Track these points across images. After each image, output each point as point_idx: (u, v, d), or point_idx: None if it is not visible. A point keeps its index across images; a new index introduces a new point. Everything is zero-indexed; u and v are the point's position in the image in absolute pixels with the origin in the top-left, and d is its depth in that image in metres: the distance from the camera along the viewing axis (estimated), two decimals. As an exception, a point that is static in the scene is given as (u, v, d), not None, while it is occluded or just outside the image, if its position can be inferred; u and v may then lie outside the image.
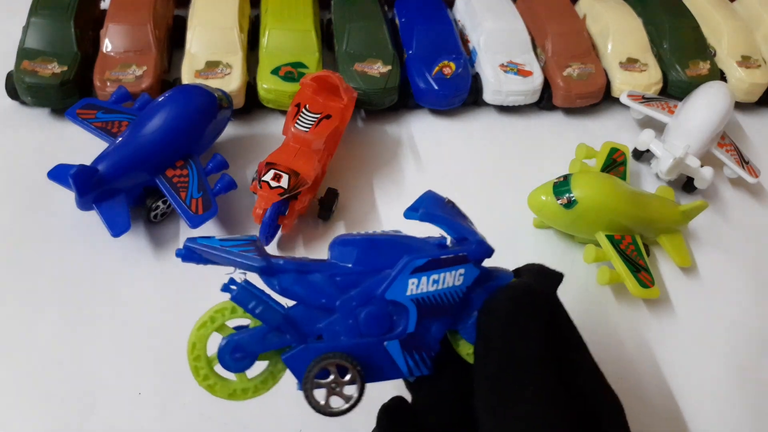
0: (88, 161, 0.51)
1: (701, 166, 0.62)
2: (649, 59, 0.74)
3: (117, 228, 0.50)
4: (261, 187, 0.52)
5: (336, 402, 0.28)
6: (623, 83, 0.71)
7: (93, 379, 0.46)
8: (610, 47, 0.74)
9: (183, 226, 0.55)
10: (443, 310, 0.29)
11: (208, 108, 0.56)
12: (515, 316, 0.28)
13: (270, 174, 0.52)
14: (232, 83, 0.63)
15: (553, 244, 0.59)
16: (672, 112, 0.67)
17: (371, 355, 0.29)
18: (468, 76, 0.69)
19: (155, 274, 0.52)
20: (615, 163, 0.61)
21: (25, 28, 0.63)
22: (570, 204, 0.53)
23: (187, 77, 0.63)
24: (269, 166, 0.53)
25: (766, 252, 0.62)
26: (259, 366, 0.30)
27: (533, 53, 0.72)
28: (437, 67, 0.68)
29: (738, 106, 0.74)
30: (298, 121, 0.56)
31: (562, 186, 0.54)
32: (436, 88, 0.67)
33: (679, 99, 0.70)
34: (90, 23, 0.67)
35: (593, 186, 0.54)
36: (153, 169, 0.53)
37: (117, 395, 0.45)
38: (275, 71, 0.64)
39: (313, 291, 0.29)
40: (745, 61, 0.75)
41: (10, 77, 0.62)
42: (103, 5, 0.70)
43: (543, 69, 0.71)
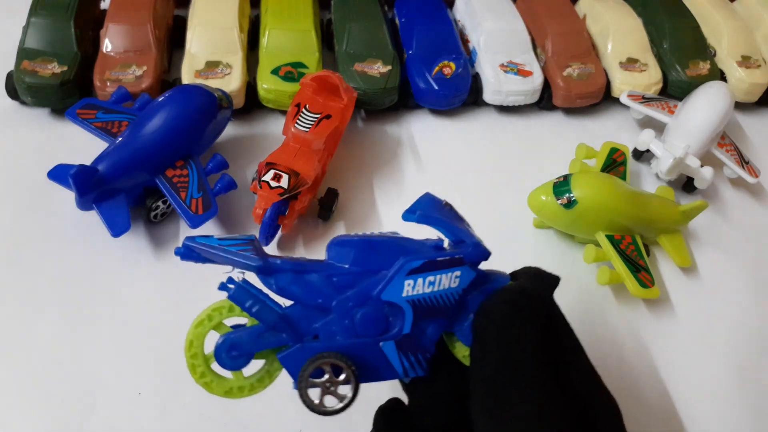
0: (88, 161, 0.51)
1: (701, 166, 0.62)
2: (649, 59, 0.74)
3: (117, 228, 0.50)
4: (261, 187, 0.52)
5: (330, 401, 0.28)
6: (623, 83, 0.71)
7: (93, 379, 0.46)
8: (610, 47, 0.74)
9: (183, 226, 0.55)
10: (439, 311, 0.29)
11: (208, 108, 0.56)
12: (511, 319, 0.28)
13: (270, 174, 0.52)
14: (232, 83, 0.63)
15: (553, 244, 0.59)
16: (672, 112, 0.67)
17: (367, 356, 0.29)
18: (468, 76, 0.69)
19: (155, 274, 0.52)
20: (615, 163, 0.61)
21: (25, 28, 0.63)
22: (570, 204, 0.53)
23: (187, 77, 0.63)
24: (269, 166, 0.53)
25: (766, 252, 0.62)
26: (256, 365, 0.30)
27: (533, 53, 0.72)
28: (437, 67, 0.68)
29: (738, 106, 0.74)
30: (298, 121, 0.56)
31: (562, 186, 0.54)
32: (436, 88, 0.67)
33: (679, 99, 0.70)
34: (90, 23, 0.67)
35: (593, 186, 0.54)
36: (153, 169, 0.53)
37: (117, 395, 0.45)
38: (275, 71, 0.64)
39: (310, 291, 0.29)
40: (745, 61, 0.75)
41: (10, 77, 0.62)
42: (103, 5, 0.70)
43: (543, 69, 0.71)
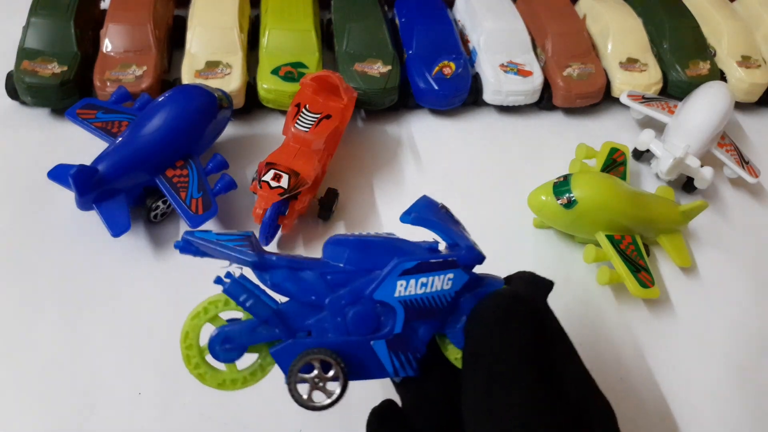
0: (88, 161, 0.51)
1: (701, 166, 0.62)
2: (649, 59, 0.74)
3: (117, 228, 0.50)
4: (261, 187, 0.52)
5: (318, 396, 0.28)
6: (623, 83, 0.71)
7: (93, 379, 0.46)
8: (610, 47, 0.74)
9: (183, 226, 0.55)
10: (431, 313, 0.30)
11: (208, 108, 0.56)
12: (503, 323, 0.28)
13: (270, 174, 0.52)
14: (232, 83, 0.63)
15: (553, 244, 0.59)
16: (672, 112, 0.67)
17: (358, 354, 0.29)
18: (468, 76, 0.69)
19: (155, 274, 0.52)
20: (615, 163, 0.61)
21: (25, 28, 0.63)
22: (570, 204, 0.53)
23: (187, 77, 0.63)
24: (269, 166, 0.53)
25: (766, 252, 0.62)
26: (250, 358, 0.30)
27: (533, 53, 0.72)
28: (437, 67, 0.68)
29: (738, 106, 0.74)
30: (298, 121, 0.56)
31: (562, 186, 0.54)
32: (436, 88, 0.67)
33: (679, 99, 0.70)
34: (90, 23, 0.67)
35: (593, 186, 0.54)
36: (153, 169, 0.53)
37: (117, 395, 0.45)
38: (275, 71, 0.64)
39: (304, 288, 0.29)
40: (745, 61, 0.75)
41: (10, 77, 0.62)
42: (103, 5, 0.70)
43: (543, 69, 0.71)
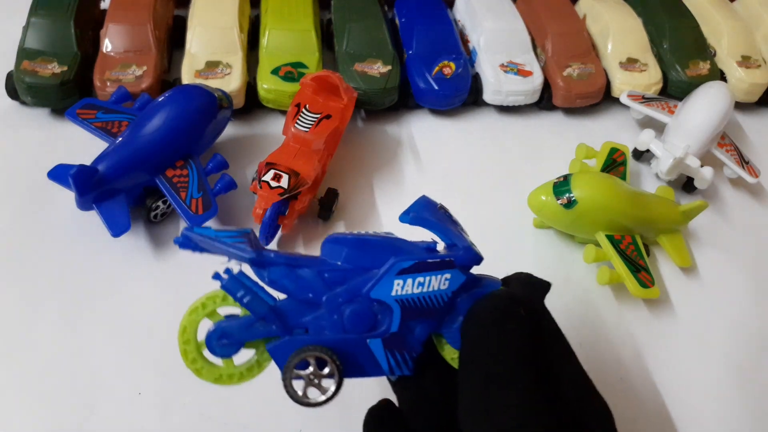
0: (88, 161, 0.51)
1: (701, 166, 0.62)
2: (649, 59, 0.74)
3: (117, 228, 0.50)
4: (261, 187, 0.52)
5: (313, 393, 0.28)
6: (623, 83, 0.71)
7: (93, 379, 0.46)
8: (610, 47, 0.74)
9: (183, 226, 0.55)
10: (428, 312, 0.30)
11: (208, 108, 0.56)
12: (500, 323, 0.28)
13: (270, 174, 0.52)
14: (232, 83, 0.63)
15: (553, 244, 0.59)
16: (672, 112, 0.67)
17: (354, 352, 0.29)
18: (468, 76, 0.69)
19: (155, 274, 0.52)
20: (615, 163, 0.61)
21: (25, 28, 0.63)
22: (570, 204, 0.53)
23: (187, 77, 0.63)
24: (269, 166, 0.53)
25: (766, 252, 0.62)
26: (247, 354, 0.31)
27: (533, 53, 0.72)
28: (437, 67, 0.68)
29: (738, 106, 0.74)
30: (298, 121, 0.56)
31: (562, 186, 0.54)
32: (436, 88, 0.67)
33: (679, 99, 0.70)
34: (90, 23, 0.67)
35: (593, 186, 0.54)
36: (153, 169, 0.53)
37: (117, 395, 0.45)
38: (275, 71, 0.64)
39: (301, 285, 0.30)
40: (745, 61, 0.75)
41: (10, 77, 0.62)
42: (103, 5, 0.70)
43: (543, 69, 0.71)
